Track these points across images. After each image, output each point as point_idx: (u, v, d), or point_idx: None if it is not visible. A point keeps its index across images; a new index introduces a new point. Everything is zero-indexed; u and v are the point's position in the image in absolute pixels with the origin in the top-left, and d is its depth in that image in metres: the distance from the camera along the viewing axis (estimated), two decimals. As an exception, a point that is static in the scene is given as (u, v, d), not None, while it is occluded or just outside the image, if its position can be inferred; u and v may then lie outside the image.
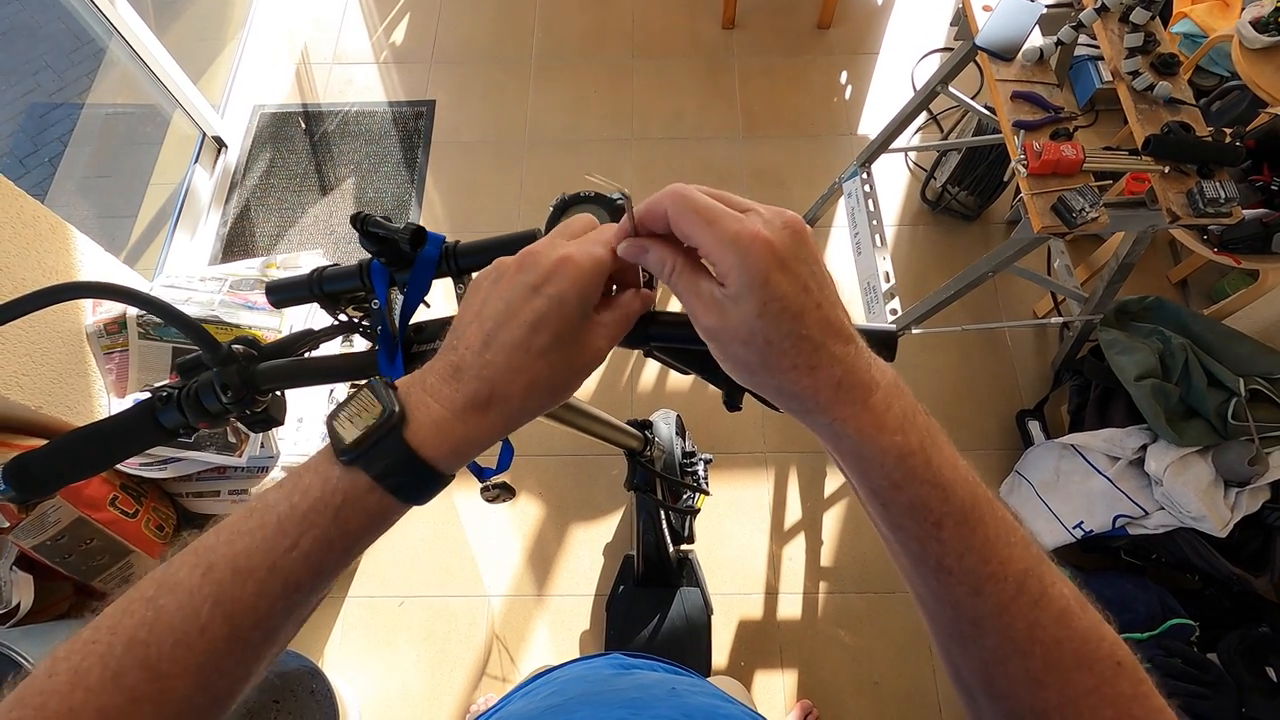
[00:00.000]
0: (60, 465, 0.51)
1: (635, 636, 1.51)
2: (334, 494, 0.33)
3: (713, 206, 0.34)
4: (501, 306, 0.36)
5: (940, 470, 0.33)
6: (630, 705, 0.47)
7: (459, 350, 0.36)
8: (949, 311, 1.58)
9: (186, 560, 0.32)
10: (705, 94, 2.36)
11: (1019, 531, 0.35)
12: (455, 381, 0.35)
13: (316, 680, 1.35)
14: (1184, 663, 1.35)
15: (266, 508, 0.33)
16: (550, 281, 0.35)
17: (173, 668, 0.30)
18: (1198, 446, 1.40)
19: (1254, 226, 1.43)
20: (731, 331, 0.34)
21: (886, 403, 0.34)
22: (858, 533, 1.73)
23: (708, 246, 0.33)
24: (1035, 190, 1.21)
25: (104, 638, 0.30)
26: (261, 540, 0.32)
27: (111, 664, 0.29)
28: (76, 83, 2.39)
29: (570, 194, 0.49)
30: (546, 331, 0.35)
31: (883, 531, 0.36)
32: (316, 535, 0.32)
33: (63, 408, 1.30)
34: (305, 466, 0.34)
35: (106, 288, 0.47)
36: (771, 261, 0.32)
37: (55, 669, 0.29)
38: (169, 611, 0.30)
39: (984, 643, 0.34)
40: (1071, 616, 0.33)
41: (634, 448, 1.24)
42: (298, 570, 0.32)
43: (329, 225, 2.16)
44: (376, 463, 0.33)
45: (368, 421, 0.33)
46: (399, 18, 2.54)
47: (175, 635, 0.30)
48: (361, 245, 0.51)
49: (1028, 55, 1.34)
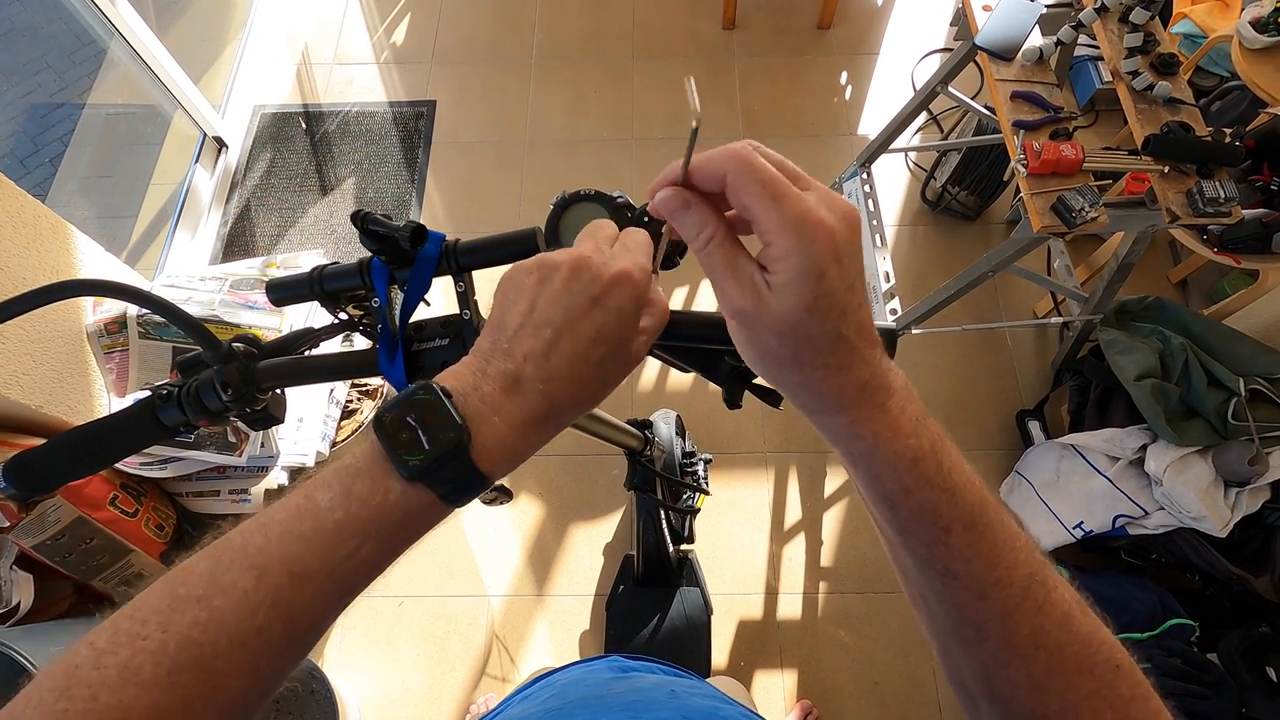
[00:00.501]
0: (61, 463, 0.51)
1: (635, 636, 1.51)
2: (394, 508, 0.32)
3: (779, 180, 0.31)
4: (560, 315, 0.34)
5: (950, 475, 0.33)
6: (630, 709, 0.47)
7: (516, 359, 0.34)
8: (949, 311, 1.59)
9: (235, 560, 0.31)
10: (705, 94, 2.36)
11: (1022, 536, 0.35)
12: (517, 395, 0.34)
13: (316, 680, 1.35)
14: (1184, 663, 1.35)
15: (320, 511, 0.32)
16: (610, 294, 0.35)
17: (228, 666, 0.30)
18: (1198, 446, 1.40)
19: (1254, 226, 1.43)
20: (767, 320, 0.32)
21: (901, 406, 0.34)
22: (858, 533, 1.73)
23: (767, 225, 0.31)
24: (1035, 190, 1.21)
25: (154, 634, 0.29)
26: (319, 547, 0.31)
27: (165, 662, 0.29)
28: (77, 83, 2.40)
29: (570, 193, 0.49)
30: (606, 345, 0.35)
31: (887, 534, 0.36)
32: (376, 546, 0.32)
33: (63, 407, 1.30)
34: (355, 469, 0.33)
35: (107, 285, 0.47)
36: (830, 254, 0.31)
37: (101, 662, 0.29)
38: (224, 613, 0.30)
39: (986, 646, 0.34)
40: (1073, 621, 0.34)
41: (634, 447, 1.24)
42: (353, 576, 0.32)
43: (329, 225, 2.16)
44: (443, 484, 0.33)
45: (436, 442, 0.32)
46: (399, 18, 2.55)
47: (231, 636, 0.30)
48: (361, 243, 0.51)
49: (1027, 55, 1.34)
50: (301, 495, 0.33)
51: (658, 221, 0.49)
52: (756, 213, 0.31)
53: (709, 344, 0.51)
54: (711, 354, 0.55)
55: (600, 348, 0.35)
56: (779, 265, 0.31)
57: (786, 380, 0.34)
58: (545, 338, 0.34)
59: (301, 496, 0.33)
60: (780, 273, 0.31)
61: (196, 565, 0.32)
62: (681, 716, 0.46)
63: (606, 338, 0.35)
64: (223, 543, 0.32)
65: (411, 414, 0.33)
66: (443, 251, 0.52)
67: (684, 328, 0.43)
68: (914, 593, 0.37)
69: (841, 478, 1.78)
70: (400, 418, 0.33)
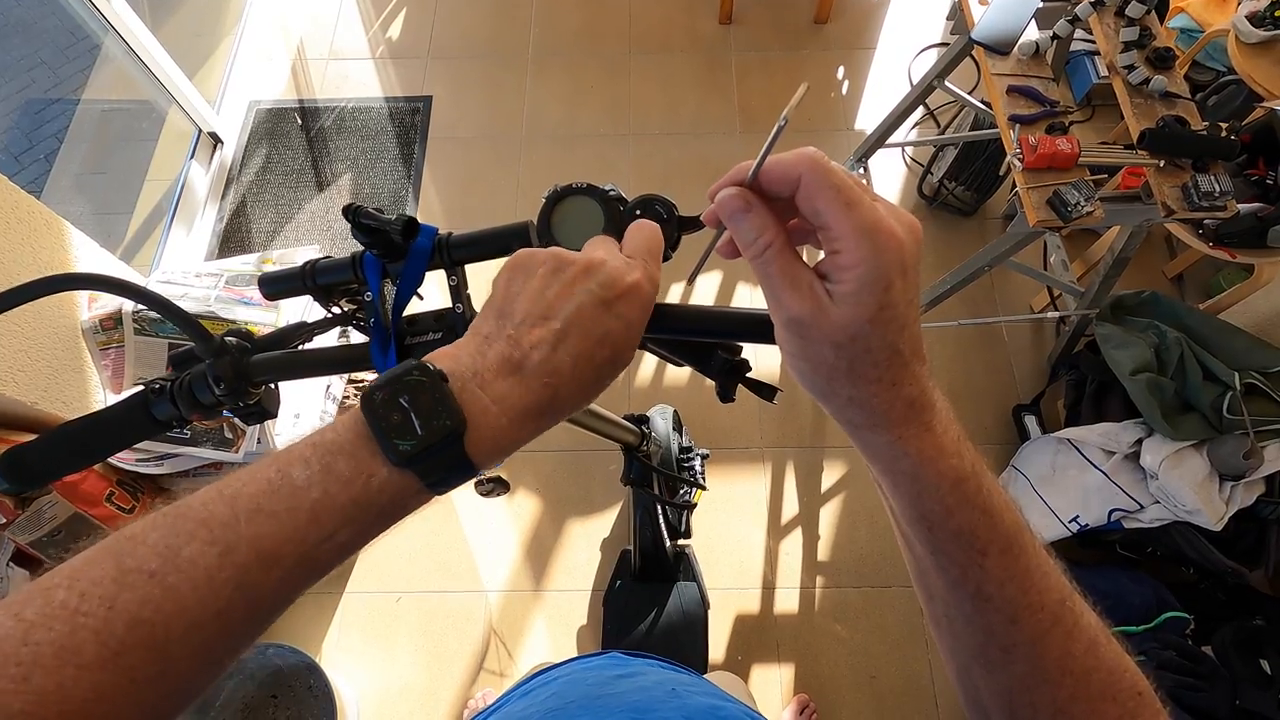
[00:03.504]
0: (54, 457, 0.51)
1: (632, 631, 1.51)
2: (380, 493, 0.31)
3: (853, 187, 0.30)
4: (572, 310, 0.34)
5: (990, 497, 0.33)
6: (632, 709, 0.47)
7: (522, 346, 0.33)
8: (946, 306, 1.59)
9: (195, 534, 0.29)
10: (702, 89, 2.36)
11: (1051, 560, 0.34)
12: (518, 384, 0.33)
13: (314, 676, 1.35)
14: (1179, 655, 1.36)
15: (295, 488, 0.30)
16: (623, 301, 0.35)
17: (181, 650, 0.28)
18: (1193, 440, 1.40)
19: (1249, 221, 1.43)
20: (826, 330, 0.31)
21: (944, 426, 0.33)
22: (854, 528, 1.73)
23: (840, 231, 0.30)
24: (1031, 184, 1.21)
25: (97, 610, 0.27)
26: (292, 528, 0.30)
27: (111, 643, 0.26)
28: (71, 79, 2.39)
29: (563, 186, 0.49)
30: (610, 348, 0.35)
31: (918, 553, 0.35)
32: (355, 530, 0.31)
33: (59, 404, 1.30)
34: (336, 447, 0.31)
35: (99, 279, 0.47)
36: (898, 265, 0.30)
37: (32, 637, 0.26)
38: (181, 592, 0.28)
39: (1013, 670, 0.33)
40: (1099, 647, 0.33)
41: (631, 443, 1.24)
42: (327, 558, 0.31)
43: (325, 221, 2.15)
44: (433, 471, 0.31)
45: (430, 428, 0.31)
46: (395, 13, 2.54)
47: (190, 618, 0.28)
48: (354, 237, 0.51)
49: (1024, 49, 1.34)
50: (273, 469, 0.31)
51: (677, 220, 0.48)
52: (829, 218, 0.30)
53: (703, 338, 0.51)
54: (705, 348, 0.55)
55: (605, 350, 0.34)
56: (846, 274, 0.30)
57: (836, 394, 0.33)
58: (554, 329, 0.34)
59: (273, 471, 0.31)
60: (846, 281, 0.30)
61: (146, 536, 0.29)
62: (683, 716, 0.45)
63: (612, 342, 0.35)
64: (177, 513, 0.30)
65: (404, 395, 0.31)
66: (435, 245, 0.52)
67: (682, 322, 0.42)
68: (938, 613, 0.36)
69: (838, 473, 1.79)
70: (392, 398, 0.31)
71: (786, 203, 0.32)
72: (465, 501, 1.76)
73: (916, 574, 0.37)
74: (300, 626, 1.63)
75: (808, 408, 1.86)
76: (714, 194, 0.33)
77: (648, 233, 0.40)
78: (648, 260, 0.38)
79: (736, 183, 0.32)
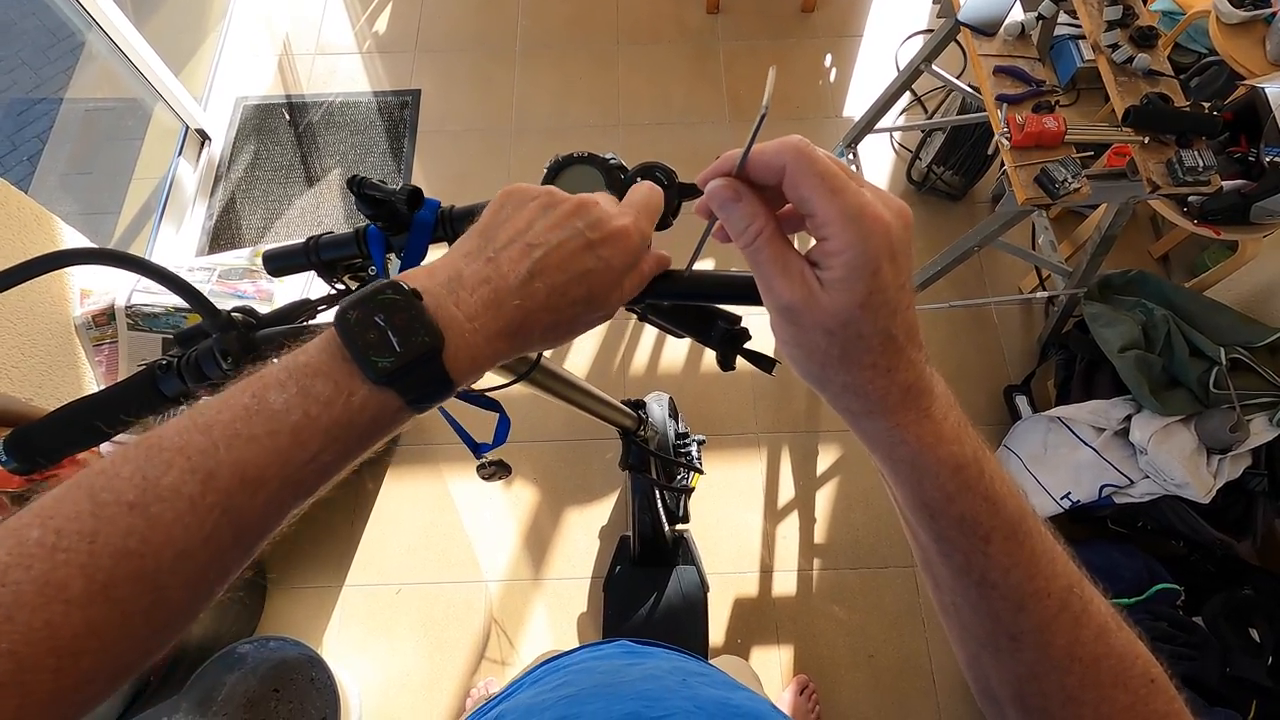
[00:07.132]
0: (61, 435, 0.52)
1: (633, 616, 1.52)
2: (360, 412, 0.31)
3: (838, 173, 0.30)
4: (554, 242, 0.35)
5: (992, 483, 0.33)
6: (643, 697, 0.47)
7: (501, 269, 0.34)
8: (936, 288, 1.60)
9: (174, 463, 0.28)
10: (691, 79, 2.36)
11: (1058, 546, 0.34)
12: (492, 304, 0.33)
13: (316, 668, 1.36)
14: (1170, 626, 1.38)
15: (274, 412, 0.30)
16: (607, 244, 0.36)
17: (172, 579, 0.28)
18: (1181, 415, 1.43)
19: (1233, 197, 1.45)
20: (818, 316, 0.31)
21: (944, 412, 0.33)
22: (850, 510, 1.75)
23: (826, 217, 0.30)
24: (1019, 163, 1.22)
25: (78, 545, 0.26)
26: (273, 451, 0.29)
27: (99, 576, 0.26)
28: (54, 78, 2.36)
29: (564, 155, 0.50)
30: (586, 288, 0.35)
31: (922, 541, 0.35)
32: (338, 450, 0.31)
33: (53, 401, 1.29)
34: (313, 368, 0.31)
35: (106, 254, 0.47)
36: (886, 250, 0.30)
37: (9, 577, 0.25)
38: (166, 522, 0.28)
39: (1021, 657, 0.33)
40: (1109, 634, 0.33)
41: (628, 426, 1.25)
42: (311, 480, 0.31)
43: (316, 216, 2.15)
44: (413, 389, 0.32)
45: (408, 345, 0.31)
46: (381, 6, 2.53)
47: (177, 547, 0.28)
48: (358, 209, 0.52)
49: (1009, 30, 1.35)
50: (248, 395, 0.30)
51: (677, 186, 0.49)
52: (815, 204, 0.30)
53: (710, 302, 0.52)
54: (705, 317, 0.55)
55: (581, 288, 0.35)
56: (834, 260, 0.30)
57: (831, 381, 0.33)
58: (534, 258, 0.34)
59: (248, 396, 0.30)
60: (835, 268, 0.30)
61: (119, 469, 0.28)
62: (694, 706, 0.45)
63: (590, 282, 0.35)
64: (149, 444, 0.29)
65: (380, 314, 0.31)
66: (438, 217, 0.53)
67: (685, 286, 0.43)
68: (945, 601, 0.36)
69: (833, 457, 1.80)
70: (366, 317, 0.31)
71: (777, 190, 0.32)
72: (463, 492, 1.77)
73: (922, 562, 0.36)
74: (301, 620, 1.63)
75: (801, 393, 1.87)
76: (703, 182, 0.34)
77: (645, 189, 0.41)
78: (640, 214, 0.39)
79: (725, 172, 0.33)
